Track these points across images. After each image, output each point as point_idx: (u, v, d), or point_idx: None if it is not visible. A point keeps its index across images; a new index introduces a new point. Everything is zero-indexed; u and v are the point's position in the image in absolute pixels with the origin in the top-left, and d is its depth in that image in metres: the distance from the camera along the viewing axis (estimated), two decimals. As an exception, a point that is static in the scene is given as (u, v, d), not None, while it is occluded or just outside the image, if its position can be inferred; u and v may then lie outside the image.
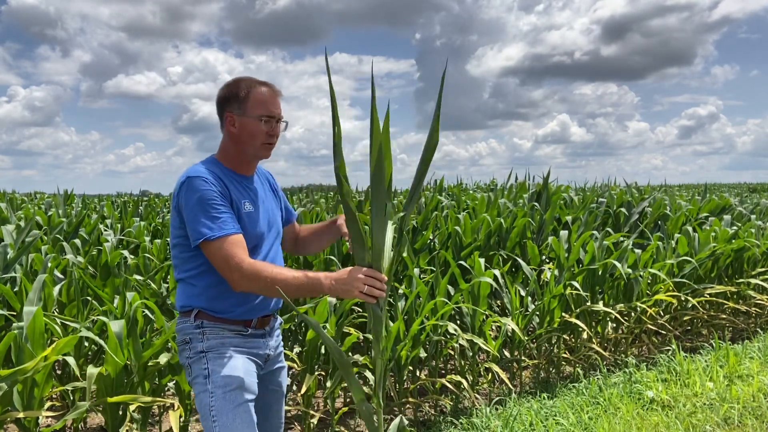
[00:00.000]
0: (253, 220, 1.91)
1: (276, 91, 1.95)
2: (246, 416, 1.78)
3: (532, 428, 3.31)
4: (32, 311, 2.55)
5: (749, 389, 3.81)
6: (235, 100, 1.91)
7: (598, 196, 7.59)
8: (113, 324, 2.63)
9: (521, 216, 5.45)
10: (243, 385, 1.81)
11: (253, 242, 1.90)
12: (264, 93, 1.91)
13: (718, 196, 8.48)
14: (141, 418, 2.83)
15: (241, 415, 1.77)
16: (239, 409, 1.78)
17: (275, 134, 1.93)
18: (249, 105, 1.89)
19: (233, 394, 1.79)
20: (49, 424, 3.16)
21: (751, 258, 5.47)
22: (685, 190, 19.71)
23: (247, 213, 1.90)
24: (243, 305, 1.89)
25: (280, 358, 2.11)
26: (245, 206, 1.90)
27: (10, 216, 5.89)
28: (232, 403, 1.78)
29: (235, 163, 1.95)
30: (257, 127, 1.89)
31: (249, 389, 1.84)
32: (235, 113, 1.90)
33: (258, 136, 1.90)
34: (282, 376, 2.12)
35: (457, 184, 9.80)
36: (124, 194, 12.55)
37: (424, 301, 3.52)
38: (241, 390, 1.81)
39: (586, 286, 4.32)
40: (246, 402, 1.81)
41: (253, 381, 1.87)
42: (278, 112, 1.93)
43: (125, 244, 5.25)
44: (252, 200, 1.94)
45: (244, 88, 1.91)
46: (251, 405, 1.83)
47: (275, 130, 1.93)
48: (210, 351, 1.86)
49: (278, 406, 2.11)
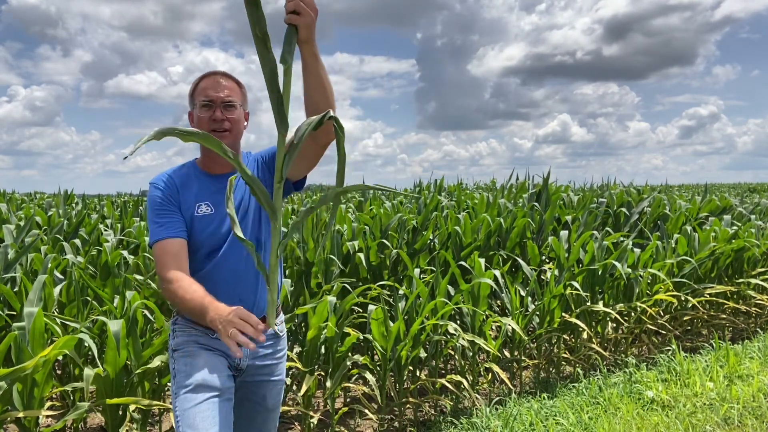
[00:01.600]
0: (206, 224, 1.85)
1: (222, 78, 1.88)
2: (207, 414, 1.71)
3: (532, 428, 3.31)
4: (33, 312, 2.55)
5: (749, 389, 3.81)
6: (189, 99, 1.92)
7: (598, 196, 7.60)
8: (112, 324, 2.63)
9: (521, 216, 5.45)
10: (203, 383, 1.76)
11: (209, 246, 1.85)
12: (204, 81, 1.88)
13: (718, 197, 8.48)
14: (141, 418, 2.83)
15: (201, 413, 1.71)
16: (200, 407, 1.72)
17: (216, 119, 1.83)
18: (195, 97, 1.88)
19: (193, 393, 1.74)
20: (49, 424, 3.15)
21: (751, 258, 5.47)
22: (684, 190, 19.71)
23: (201, 216, 1.85)
24: None
25: (267, 371, 1.97)
26: (200, 209, 1.85)
27: (11, 216, 5.89)
28: (191, 402, 1.73)
29: (206, 162, 1.92)
30: (201, 114, 1.85)
31: (211, 386, 1.77)
32: (191, 110, 1.91)
33: (202, 123, 1.84)
34: (268, 390, 1.99)
35: (456, 184, 9.80)
36: (124, 194, 12.56)
37: (425, 301, 3.52)
38: (201, 388, 1.75)
39: (586, 286, 4.32)
40: (208, 399, 1.74)
41: (216, 376, 1.79)
42: (217, 96, 1.84)
43: (125, 244, 5.24)
44: (215, 202, 1.86)
45: (193, 84, 1.91)
46: (216, 401, 1.75)
47: (215, 114, 1.83)
48: (177, 349, 1.86)
49: (261, 419, 2.01)
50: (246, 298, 1.88)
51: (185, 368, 1.81)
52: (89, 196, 11.53)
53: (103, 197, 12.36)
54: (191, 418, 1.70)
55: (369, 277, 4.48)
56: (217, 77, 1.88)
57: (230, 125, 1.86)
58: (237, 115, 1.88)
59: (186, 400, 1.74)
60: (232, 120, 1.86)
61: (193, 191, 1.87)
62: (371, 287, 3.83)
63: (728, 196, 10.78)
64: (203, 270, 1.86)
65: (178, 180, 1.88)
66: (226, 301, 1.80)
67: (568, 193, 7.76)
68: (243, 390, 1.96)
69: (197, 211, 1.85)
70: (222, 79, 1.88)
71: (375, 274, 4.53)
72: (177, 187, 1.85)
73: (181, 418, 1.72)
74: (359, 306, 4.11)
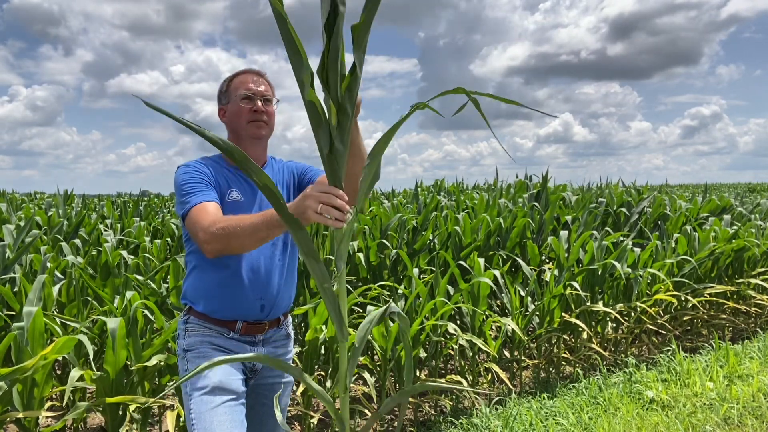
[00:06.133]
0: (237, 210, 1.86)
1: (256, 72, 1.96)
2: (225, 417, 1.69)
3: (532, 428, 3.31)
4: (32, 312, 2.55)
5: (749, 389, 3.81)
6: (221, 95, 1.98)
7: (597, 195, 7.60)
8: (110, 322, 2.63)
9: (521, 216, 5.45)
10: (220, 386, 1.74)
11: None
12: (242, 76, 1.95)
13: (717, 197, 8.48)
14: (141, 418, 2.83)
15: (219, 416, 1.69)
16: (217, 410, 1.70)
17: (259, 110, 1.90)
18: (230, 91, 1.94)
19: (209, 396, 1.72)
20: (49, 424, 3.16)
21: (751, 258, 5.47)
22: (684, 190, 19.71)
23: (233, 202, 1.86)
24: (226, 304, 1.84)
25: (280, 372, 1.97)
26: (231, 195, 1.87)
27: (11, 216, 5.89)
28: (209, 405, 1.70)
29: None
30: (239, 107, 1.90)
31: (228, 389, 1.75)
32: (223, 105, 1.96)
33: (242, 114, 1.90)
34: (282, 392, 1.99)
35: (456, 184, 9.80)
36: (124, 194, 12.56)
37: (424, 301, 3.52)
38: (218, 391, 1.73)
39: (585, 286, 4.32)
40: (225, 403, 1.72)
41: (233, 380, 1.79)
42: (259, 89, 1.92)
43: (125, 244, 5.25)
44: (244, 191, 1.89)
45: (226, 81, 1.97)
46: (233, 404, 1.74)
47: (257, 106, 1.90)
48: (190, 350, 1.85)
49: (274, 422, 1.97)
50: (267, 297, 1.89)
51: None
52: (89, 196, 11.54)
53: (103, 197, 12.37)
54: (208, 421, 1.68)
55: (369, 277, 4.48)
56: (254, 74, 1.96)
57: (268, 118, 1.94)
58: (273, 110, 1.97)
59: (202, 402, 1.71)
60: (269, 113, 1.94)
61: (224, 178, 1.89)
62: (371, 287, 3.83)
63: (728, 196, 10.79)
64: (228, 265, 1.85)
65: (213, 166, 1.90)
66: (248, 299, 1.85)
67: (566, 191, 7.77)
68: (255, 394, 1.94)
69: (229, 197, 1.87)
70: (259, 76, 1.96)
71: (375, 274, 4.53)
72: (211, 171, 1.87)
73: (197, 421, 1.69)
74: (359, 306, 4.11)
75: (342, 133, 1.23)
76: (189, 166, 1.87)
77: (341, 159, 1.24)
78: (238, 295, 1.84)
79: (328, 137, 1.21)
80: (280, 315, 1.97)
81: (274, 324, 1.95)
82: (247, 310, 1.87)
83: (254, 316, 1.89)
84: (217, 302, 1.85)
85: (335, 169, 1.25)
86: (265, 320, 1.91)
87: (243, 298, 1.85)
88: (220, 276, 1.84)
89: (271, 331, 1.94)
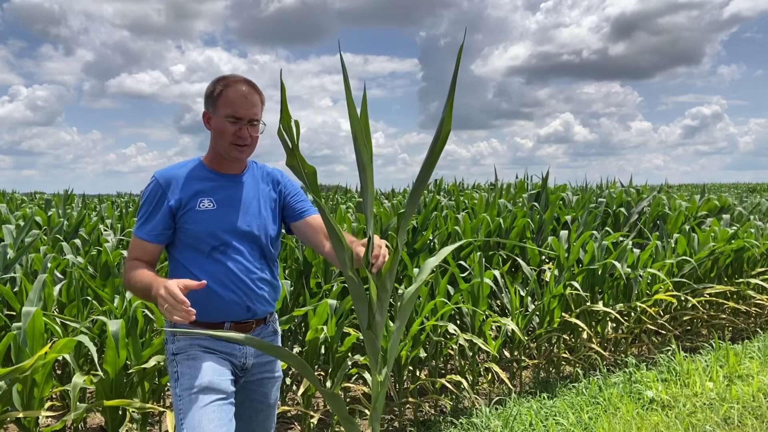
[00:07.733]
0: (206, 217, 1.86)
1: (250, 92, 1.87)
2: (213, 416, 1.70)
3: (532, 428, 3.31)
4: (31, 311, 2.55)
5: (749, 389, 3.81)
6: (209, 98, 1.89)
7: (597, 195, 7.59)
8: (111, 324, 2.63)
9: (521, 216, 5.45)
10: (210, 386, 1.76)
11: (210, 242, 1.86)
12: (234, 93, 1.85)
13: (717, 197, 8.47)
14: (141, 418, 2.83)
15: (207, 415, 1.70)
16: (205, 410, 1.71)
17: (242, 136, 1.86)
18: (219, 104, 1.86)
19: (199, 396, 1.74)
20: (49, 424, 3.15)
21: (750, 258, 5.47)
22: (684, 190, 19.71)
23: (203, 210, 1.86)
24: (210, 307, 1.85)
25: (269, 368, 2.01)
26: (202, 204, 1.86)
27: (11, 216, 5.89)
28: (197, 404, 1.72)
29: (214, 161, 1.94)
30: (225, 126, 1.86)
31: (217, 389, 1.77)
32: (209, 111, 1.91)
33: (225, 135, 1.86)
34: (269, 387, 2.03)
35: (455, 184, 9.79)
36: (124, 194, 12.56)
37: (424, 301, 3.52)
38: (208, 391, 1.75)
39: (585, 286, 4.32)
40: (213, 402, 1.74)
41: (222, 380, 1.80)
42: (247, 113, 1.86)
43: (125, 245, 5.24)
44: (219, 200, 1.89)
45: (218, 86, 1.88)
46: (221, 404, 1.75)
47: (242, 132, 1.86)
48: (179, 353, 1.86)
49: (263, 417, 2.03)
50: (241, 301, 1.90)
51: (189, 371, 1.80)
52: (89, 196, 11.54)
53: (103, 197, 12.36)
54: (196, 420, 1.69)
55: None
56: (245, 90, 1.87)
57: (251, 141, 1.90)
58: (258, 131, 1.93)
59: (191, 402, 1.73)
60: (254, 137, 1.91)
61: (195, 187, 1.88)
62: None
63: (727, 195, 10.78)
64: (204, 268, 1.86)
65: (183, 177, 1.89)
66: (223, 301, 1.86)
67: (566, 191, 7.77)
68: (244, 391, 1.97)
69: (199, 206, 1.86)
70: (250, 94, 1.88)
71: (375, 274, 4.52)
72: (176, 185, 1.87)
73: (186, 420, 1.71)
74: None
75: (381, 308, 1.43)
76: (152, 181, 1.89)
77: (379, 332, 1.46)
78: (215, 296, 1.86)
79: (367, 312, 1.42)
80: (267, 314, 2.00)
81: (261, 322, 1.98)
82: (233, 313, 1.90)
83: (241, 316, 1.91)
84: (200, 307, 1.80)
85: (372, 341, 1.45)
86: (252, 319, 1.94)
87: (219, 300, 1.87)
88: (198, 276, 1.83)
89: (258, 328, 1.97)
